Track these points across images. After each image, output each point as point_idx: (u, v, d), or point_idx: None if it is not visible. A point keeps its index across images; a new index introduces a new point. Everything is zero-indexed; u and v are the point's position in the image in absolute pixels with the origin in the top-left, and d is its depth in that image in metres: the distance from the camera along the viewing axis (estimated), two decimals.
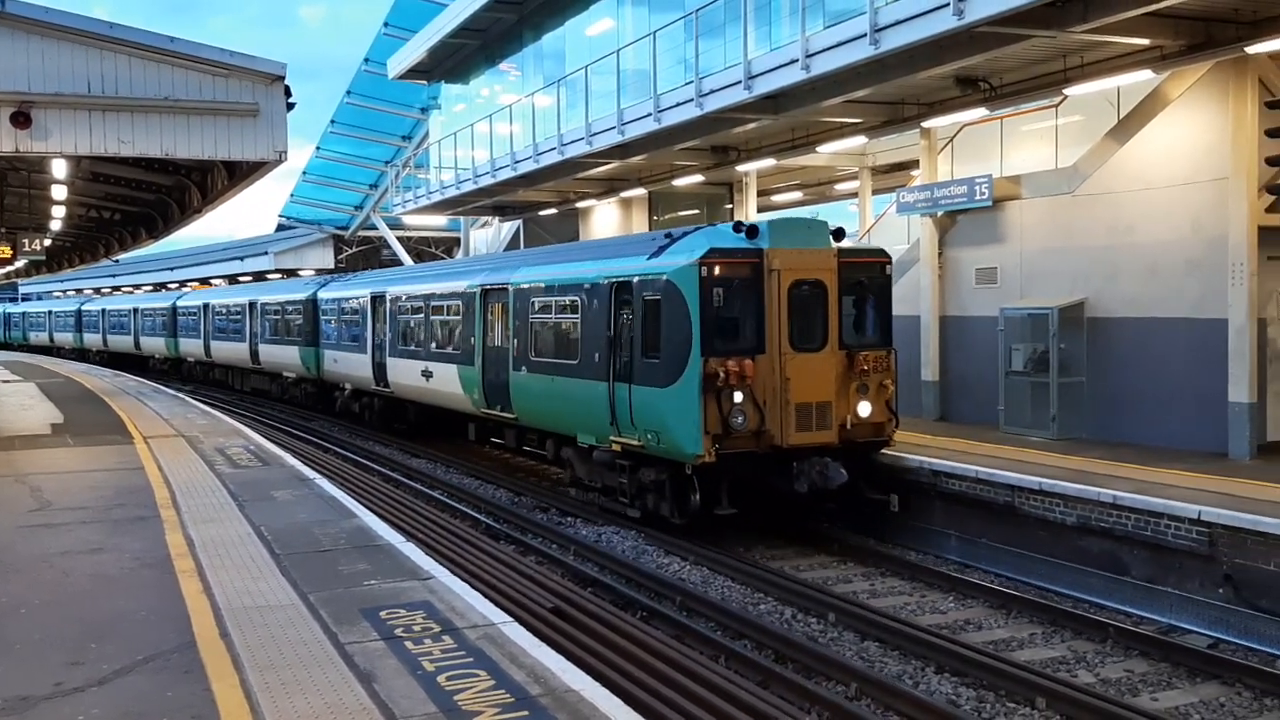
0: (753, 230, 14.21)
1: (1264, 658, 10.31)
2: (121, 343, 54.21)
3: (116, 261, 52.64)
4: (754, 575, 13.00)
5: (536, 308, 17.85)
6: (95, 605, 7.95)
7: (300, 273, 53.08)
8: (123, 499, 12.09)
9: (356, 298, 27.89)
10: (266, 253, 56.96)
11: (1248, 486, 12.66)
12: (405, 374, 24.14)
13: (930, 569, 13.56)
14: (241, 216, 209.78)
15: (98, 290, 78.13)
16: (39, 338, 71.96)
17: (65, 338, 65.42)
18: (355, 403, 28.51)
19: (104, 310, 58.52)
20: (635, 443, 14.65)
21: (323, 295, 30.87)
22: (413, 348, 23.67)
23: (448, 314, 21.91)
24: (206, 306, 41.63)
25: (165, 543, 9.87)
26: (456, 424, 23.42)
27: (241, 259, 60.80)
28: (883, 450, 15.01)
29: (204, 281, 63.37)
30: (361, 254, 55.36)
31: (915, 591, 12.85)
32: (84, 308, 63.01)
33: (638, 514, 15.44)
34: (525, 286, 18.30)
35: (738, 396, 13.55)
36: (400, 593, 8.15)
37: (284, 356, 33.31)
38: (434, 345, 22.42)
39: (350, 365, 28.06)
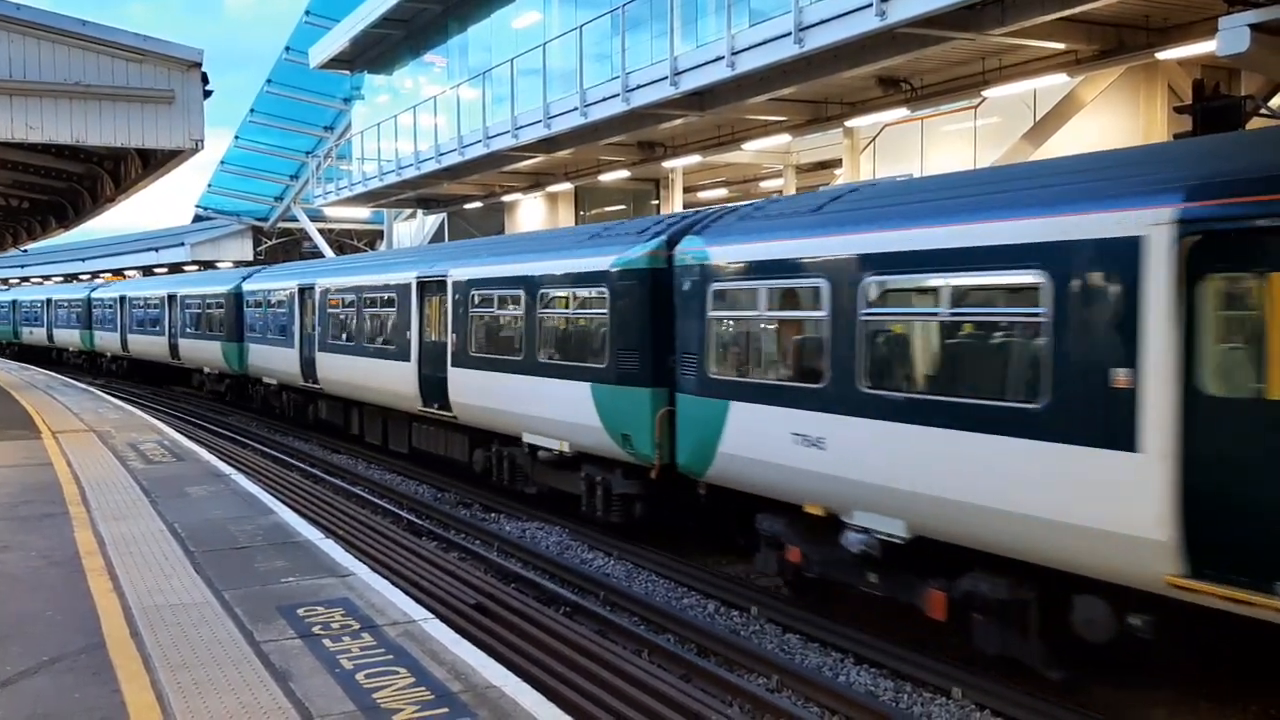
0: None
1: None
2: (150, 346, 36.57)
3: (25, 251, 50.83)
4: (678, 570, 13.04)
5: None
6: None
7: (218, 265, 51.84)
8: (29, 495, 11.74)
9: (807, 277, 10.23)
10: (183, 244, 55.71)
11: None
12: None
13: None
14: (156, 207, 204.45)
15: (5, 281, 75.21)
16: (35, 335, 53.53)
17: (70, 336, 48.08)
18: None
19: (123, 298, 39.92)
20: None
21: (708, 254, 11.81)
22: None
23: None
24: (320, 293, 22.91)
25: (74, 540, 9.61)
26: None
27: (157, 250, 59.33)
28: None
29: (117, 273, 61.40)
30: (281, 246, 54.41)
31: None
32: (94, 295, 44.99)
33: None
34: None
35: None
36: (319, 590, 8.03)
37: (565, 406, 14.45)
38: None
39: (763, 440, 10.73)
